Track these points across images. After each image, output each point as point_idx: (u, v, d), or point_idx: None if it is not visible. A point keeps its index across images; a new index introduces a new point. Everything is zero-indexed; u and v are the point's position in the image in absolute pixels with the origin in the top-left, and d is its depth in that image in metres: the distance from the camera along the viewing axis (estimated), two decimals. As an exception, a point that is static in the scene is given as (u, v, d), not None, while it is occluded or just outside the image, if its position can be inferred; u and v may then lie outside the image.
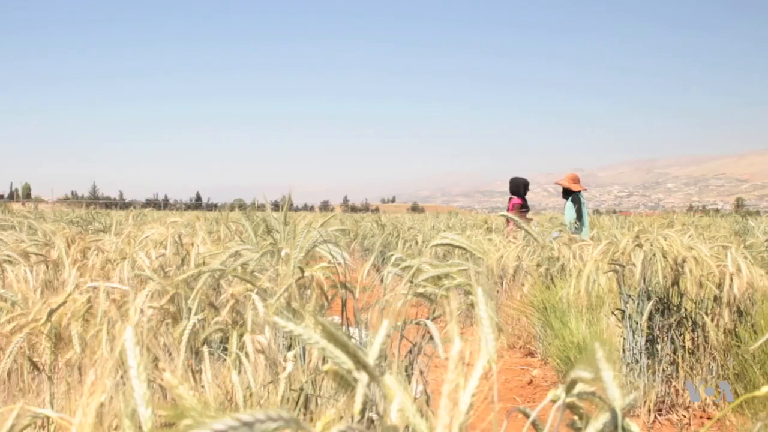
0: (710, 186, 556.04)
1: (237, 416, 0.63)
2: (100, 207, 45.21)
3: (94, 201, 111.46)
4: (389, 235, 11.40)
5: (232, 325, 2.34)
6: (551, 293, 5.86)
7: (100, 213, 15.35)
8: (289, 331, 0.89)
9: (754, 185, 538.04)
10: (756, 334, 4.09)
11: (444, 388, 0.82)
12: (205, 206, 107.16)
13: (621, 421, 0.88)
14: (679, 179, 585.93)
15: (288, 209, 2.88)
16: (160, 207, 75.74)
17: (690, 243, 4.24)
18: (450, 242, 2.19)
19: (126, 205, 70.92)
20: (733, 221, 11.38)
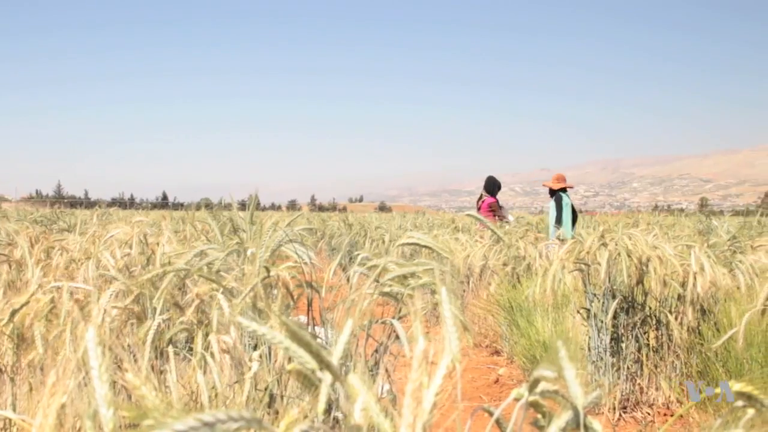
0: (675, 186, 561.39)
1: (198, 416, 0.62)
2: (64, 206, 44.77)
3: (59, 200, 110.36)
4: (356, 234, 11.40)
5: (197, 325, 2.33)
6: (517, 292, 5.89)
7: (65, 212, 15.18)
8: (253, 331, 0.89)
9: (718, 185, 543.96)
10: (719, 332, 4.13)
11: (408, 387, 0.82)
12: (172, 205, 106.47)
13: (583, 419, 0.88)
14: (645, 179, 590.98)
15: (255, 208, 2.87)
16: (125, 206, 75.15)
17: (654, 242, 4.27)
18: (416, 242, 2.19)
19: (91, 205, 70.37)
20: (697, 221, 11.47)
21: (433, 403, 0.81)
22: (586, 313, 4.45)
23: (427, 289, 2.09)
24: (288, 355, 0.87)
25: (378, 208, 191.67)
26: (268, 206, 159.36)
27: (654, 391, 4.35)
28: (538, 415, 0.94)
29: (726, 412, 0.95)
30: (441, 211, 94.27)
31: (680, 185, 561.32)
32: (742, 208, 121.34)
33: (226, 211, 3.23)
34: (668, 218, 15.75)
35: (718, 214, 30.31)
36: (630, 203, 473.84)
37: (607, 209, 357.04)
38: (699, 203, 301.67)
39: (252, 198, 2.94)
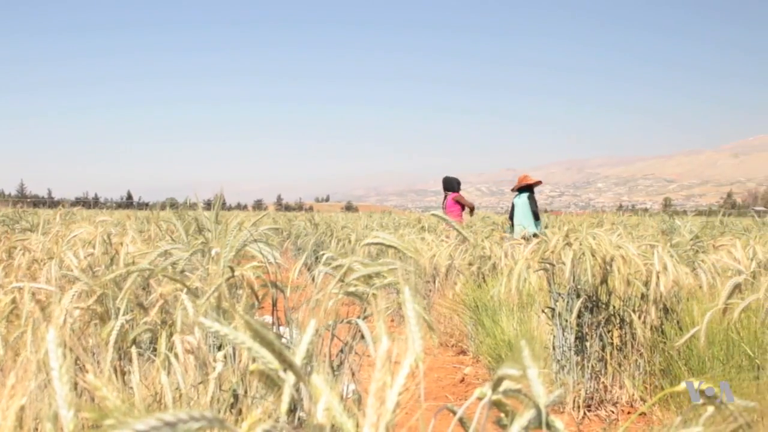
0: (639, 186, 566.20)
1: (160, 416, 0.62)
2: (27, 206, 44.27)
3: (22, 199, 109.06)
4: (322, 234, 11.38)
5: (161, 326, 2.31)
6: (483, 292, 5.91)
7: (28, 212, 15.02)
8: (216, 332, 0.89)
9: (681, 185, 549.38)
10: (681, 331, 4.17)
11: (371, 387, 0.82)
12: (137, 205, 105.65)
13: (545, 418, 0.89)
14: (609, 179, 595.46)
15: (220, 208, 2.86)
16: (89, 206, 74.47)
17: (618, 242, 4.31)
18: (381, 241, 2.20)
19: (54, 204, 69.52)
20: (660, 220, 11.59)
21: (396, 402, 0.82)
22: (551, 313, 4.48)
23: (392, 288, 2.09)
24: (252, 355, 0.87)
25: (344, 207, 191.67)
26: (234, 206, 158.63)
27: (618, 390, 4.38)
28: (501, 414, 0.95)
29: (686, 409, 0.96)
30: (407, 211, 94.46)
31: (644, 185, 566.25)
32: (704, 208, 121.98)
33: (192, 211, 3.22)
34: (632, 218, 15.89)
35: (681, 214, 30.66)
36: (595, 203, 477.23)
37: (572, 209, 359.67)
38: (663, 203, 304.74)
39: (217, 197, 2.93)
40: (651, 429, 3.95)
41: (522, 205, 10.06)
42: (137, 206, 67.05)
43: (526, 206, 10.01)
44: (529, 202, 10.03)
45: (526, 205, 10.01)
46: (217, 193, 2.94)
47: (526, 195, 10.10)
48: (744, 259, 4.44)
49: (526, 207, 10.01)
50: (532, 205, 10.03)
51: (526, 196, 10.08)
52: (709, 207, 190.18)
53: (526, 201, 10.05)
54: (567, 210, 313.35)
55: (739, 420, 0.91)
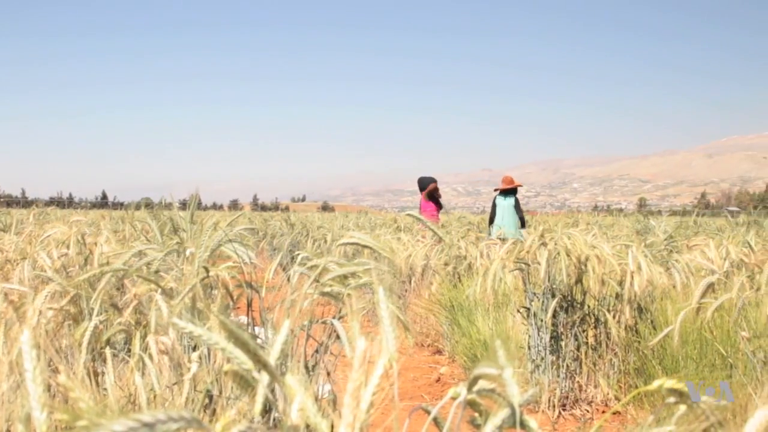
0: (614, 186, 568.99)
1: (137, 417, 0.62)
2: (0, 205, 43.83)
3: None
4: (298, 234, 11.37)
5: (135, 326, 2.30)
6: (458, 292, 5.92)
7: (1, 211, 14.89)
8: (190, 333, 0.89)
9: (656, 185, 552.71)
10: (655, 330, 4.20)
11: (348, 387, 0.82)
12: (111, 205, 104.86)
13: (519, 417, 0.89)
14: (585, 179, 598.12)
15: (195, 208, 2.85)
16: (64, 205, 73.81)
17: (593, 242, 4.33)
18: (357, 241, 2.20)
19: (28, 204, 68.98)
20: (635, 220, 11.66)
21: (370, 402, 0.82)
22: (526, 312, 4.49)
23: (368, 288, 2.10)
24: (226, 356, 0.87)
25: (321, 207, 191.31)
26: (210, 206, 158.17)
27: (593, 389, 4.40)
28: (475, 414, 0.95)
29: (658, 408, 0.97)
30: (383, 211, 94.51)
31: (619, 185, 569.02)
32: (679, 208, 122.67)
33: (167, 211, 3.20)
34: (607, 218, 15.98)
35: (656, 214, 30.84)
36: (570, 203, 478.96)
37: (548, 209, 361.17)
38: (638, 203, 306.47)
39: (193, 197, 2.92)
40: (625, 428, 3.98)
41: (508, 207, 10.10)
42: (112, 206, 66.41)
43: (512, 209, 10.05)
44: (517, 206, 10.08)
45: (512, 208, 10.06)
46: (193, 193, 2.93)
47: (513, 198, 10.13)
48: (717, 259, 4.47)
49: (512, 210, 10.06)
50: (520, 210, 10.10)
51: (513, 199, 10.12)
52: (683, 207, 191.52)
53: (512, 204, 10.08)
54: (543, 210, 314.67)
55: (711, 418, 0.92)
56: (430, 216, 11.06)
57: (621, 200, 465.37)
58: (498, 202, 10.18)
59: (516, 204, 10.11)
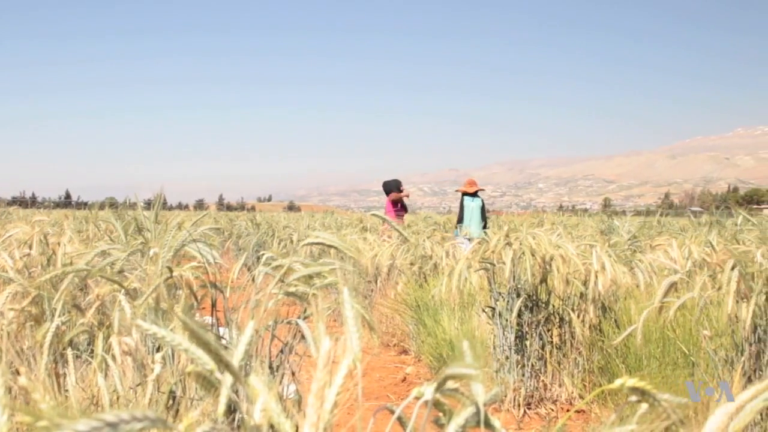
0: (579, 186, 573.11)
1: (100, 417, 0.61)
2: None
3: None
4: (264, 234, 11.33)
5: (98, 327, 2.28)
6: (424, 291, 5.93)
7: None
8: (153, 334, 0.88)
9: (621, 186, 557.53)
10: (618, 329, 4.23)
11: (312, 387, 0.82)
12: (75, 205, 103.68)
13: (483, 416, 0.90)
14: (550, 179, 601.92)
15: (160, 208, 2.83)
16: (27, 205, 73.00)
17: (558, 242, 4.35)
18: (322, 241, 2.19)
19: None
20: (599, 221, 11.75)
21: (334, 402, 0.82)
22: (492, 312, 4.51)
23: (334, 288, 2.09)
24: (189, 356, 0.87)
25: (287, 207, 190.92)
26: (175, 206, 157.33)
27: (557, 388, 4.43)
28: (439, 414, 0.95)
29: (620, 407, 0.97)
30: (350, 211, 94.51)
31: (584, 186, 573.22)
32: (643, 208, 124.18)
33: (131, 211, 3.18)
34: (572, 218, 16.08)
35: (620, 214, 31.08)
36: (536, 203, 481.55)
37: (513, 209, 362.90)
38: (602, 203, 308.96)
39: (158, 197, 2.90)
40: (589, 426, 4.01)
41: (476, 208, 10.36)
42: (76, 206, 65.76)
43: (479, 210, 10.26)
44: (483, 208, 10.30)
45: (479, 210, 10.26)
46: (158, 192, 2.91)
47: (480, 200, 10.35)
48: (680, 259, 4.52)
49: (479, 211, 10.27)
50: (485, 211, 10.32)
51: (480, 201, 10.33)
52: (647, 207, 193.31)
53: (480, 206, 10.32)
54: (508, 210, 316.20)
55: (672, 417, 0.93)
56: (395, 216, 11.11)
57: (586, 200, 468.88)
58: (466, 203, 10.36)
59: (483, 206, 10.31)
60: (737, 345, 3.30)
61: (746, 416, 0.88)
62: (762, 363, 3.25)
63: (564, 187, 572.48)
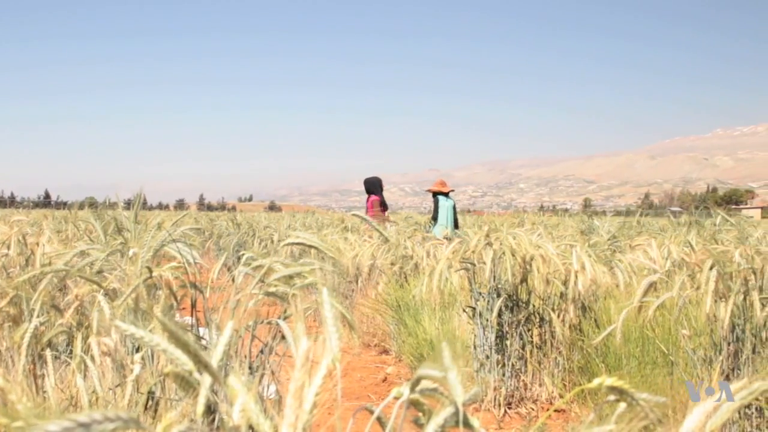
0: (560, 186, 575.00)
1: (73, 417, 0.61)
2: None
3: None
4: (245, 234, 11.31)
5: (77, 328, 2.27)
6: (405, 291, 5.93)
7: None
8: (131, 334, 0.88)
9: (601, 186, 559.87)
10: (598, 329, 4.25)
11: (290, 387, 0.82)
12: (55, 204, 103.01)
13: (462, 416, 0.90)
14: (531, 180, 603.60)
15: (140, 207, 2.82)
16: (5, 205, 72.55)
17: (538, 242, 4.36)
18: (302, 241, 2.19)
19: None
20: (579, 221, 11.79)
21: (313, 402, 0.82)
22: (472, 312, 4.52)
23: (315, 288, 2.09)
24: (167, 357, 0.86)
25: (268, 207, 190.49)
26: (155, 205, 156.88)
27: (538, 387, 4.44)
28: (419, 414, 0.96)
29: (598, 406, 0.98)
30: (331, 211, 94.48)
31: (565, 186, 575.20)
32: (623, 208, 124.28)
33: (111, 211, 3.17)
34: (553, 218, 16.14)
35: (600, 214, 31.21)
36: (517, 203, 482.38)
37: (494, 209, 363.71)
38: (583, 203, 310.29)
39: (137, 197, 2.89)
40: (568, 426, 4.02)
41: (450, 208, 10.66)
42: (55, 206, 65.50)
43: (453, 210, 10.48)
44: (455, 208, 10.50)
45: (453, 210, 10.48)
46: (138, 192, 2.90)
47: (452, 200, 10.56)
48: (659, 259, 4.54)
49: (452, 211, 10.50)
50: (456, 211, 10.52)
51: (453, 201, 10.54)
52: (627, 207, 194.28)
53: (453, 206, 10.73)
54: (489, 210, 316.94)
55: (651, 416, 0.93)
56: (377, 216, 11.16)
57: (566, 200, 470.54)
58: (442, 203, 10.55)
59: (455, 206, 10.52)
60: (716, 344, 3.32)
61: (723, 415, 0.88)
62: (740, 362, 3.27)
63: (545, 187, 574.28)
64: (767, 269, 3.26)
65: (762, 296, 3.19)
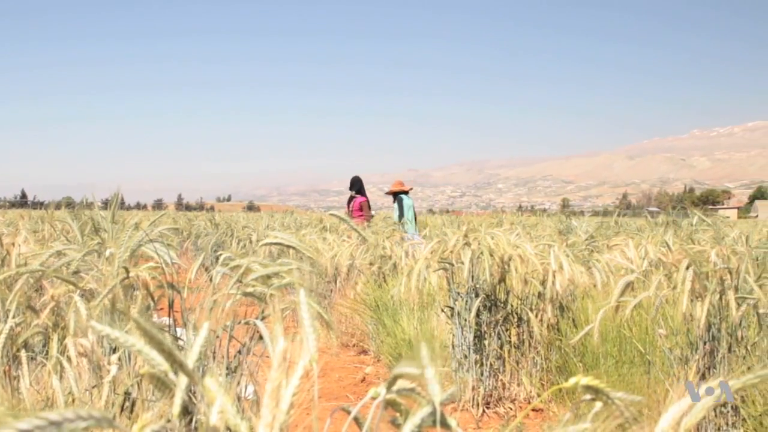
0: (538, 187, 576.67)
1: (44, 415, 0.61)
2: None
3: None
4: (223, 234, 11.27)
5: (53, 329, 2.25)
6: (384, 292, 5.93)
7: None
8: (106, 335, 0.87)
9: (579, 186, 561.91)
10: (576, 328, 4.27)
11: (267, 387, 0.82)
12: (31, 204, 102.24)
13: (439, 415, 0.90)
14: (509, 180, 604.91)
15: (117, 207, 2.81)
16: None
17: (516, 242, 4.37)
18: (280, 241, 2.19)
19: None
20: (558, 221, 11.83)
21: (290, 403, 0.82)
22: (450, 312, 4.52)
23: (293, 289, 2.09)
24: (143, 357, 0.86)
25: (246, 207, 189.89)
26: (133, 205, 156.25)
27: (516, 387, 4.45)
28: (396, 414, 0.96)
29: (576, 405, 0.98)
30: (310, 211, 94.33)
31: (543, 186, 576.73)
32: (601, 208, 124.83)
33: (89, 211, 3.15)
34: (531, 218, 16.18)
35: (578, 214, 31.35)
36: (495, 203, 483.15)
37: (473, 209, 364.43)
38: (561, 204, 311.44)
39: (115, 196, 2.87)
40: (545, 425, 4.04)
41: (411, 207, 11.14)
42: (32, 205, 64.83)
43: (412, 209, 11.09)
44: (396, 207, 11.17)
45: (413, 209, 11.13)
46: (115, 192, 2.89)
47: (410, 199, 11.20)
48: (636, 258, 4.56)
49: (411, 210, 11.08)
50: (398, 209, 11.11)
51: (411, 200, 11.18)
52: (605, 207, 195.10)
53: (412, 205, 11.21)
54: (468, 210, 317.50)
55: (626, 414, 0.94)
56: (359, 215, 11.26)
57: (545, 200, 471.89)
58: (407, 202, 11.13)
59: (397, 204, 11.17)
60: (692, 343, 3.35)
61: (698, 413, 0.89)
62: (716, 360, 3.30)
63: (523, 187, 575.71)
64: (743, 269, 3.29)
65: (738, 296, 3.22)
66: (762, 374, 0.91)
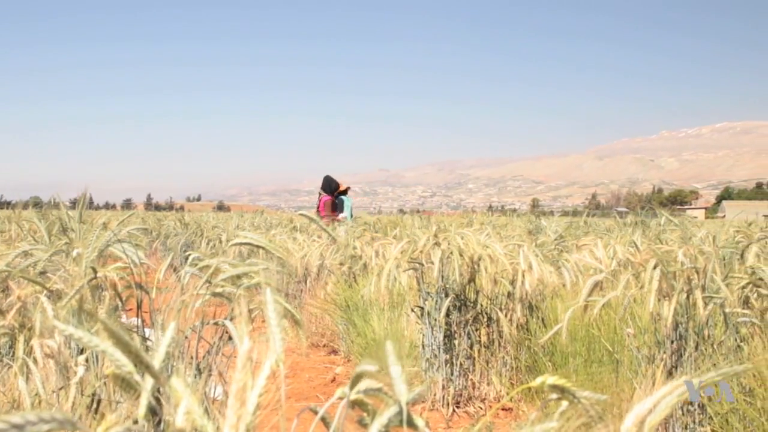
0: (508, 187, 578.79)
1: (5, 418, 0.60)
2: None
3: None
4: (193, 234, 11.23)
5: (19, 329, 2.23)
6: (354, 291, 5.94)
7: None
8: (71, 335, 0.87)
9: (549, 186, 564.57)
10: (545, 328, 4.29)
11: (232, 388, 0.82)
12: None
13: (406, 415, 0.90)
14: (480, 180, 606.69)
15: (85, 207, 2.79)
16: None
17: (486, 242, 4.39)
18: (250, 241, 2.18)
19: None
20: (527, 221, 11.89)
21: (256, 403, 0.82)
22: (420, 312, 4.53)
23: (262, 288, 2.08)
24: (108, 358, 0.85)
25: (216, 207, 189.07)
26: (102, 205, 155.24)
27: (486, 386, 4.47)
28: (363, 414, 0.96)
29: (543, 404, 0.99)
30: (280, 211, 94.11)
31: (513, 186, 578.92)
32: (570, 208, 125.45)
33: (56, 210, 3.13)
34: (501, 218, 16.25)
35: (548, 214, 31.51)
36: (466, 203, 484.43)
37: (443, 209, 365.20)
38: (531, 204, 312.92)
39: (83, 196, 2.85)
40: (514, 424, 4.05)
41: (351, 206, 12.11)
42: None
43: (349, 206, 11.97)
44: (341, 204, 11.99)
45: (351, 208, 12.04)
46: (83, 191, 2.87)
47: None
48: (605, 258, 4.59)
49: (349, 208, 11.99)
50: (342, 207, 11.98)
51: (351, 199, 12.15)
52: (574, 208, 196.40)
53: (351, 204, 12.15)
54: (439, 210, 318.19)
55: (591, 413, 0.94)
56: (324, 215, 11.37)
57: (515, 201, 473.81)
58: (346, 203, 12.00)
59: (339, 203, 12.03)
60: (659, 342, 3.37)
61: (662, 411, 0.90)
62: (683, 359, 3.33)
63: (493, 187, 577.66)
64: (710, 268, 3.32)
65: (704, 295, 3.25)
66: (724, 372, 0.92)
